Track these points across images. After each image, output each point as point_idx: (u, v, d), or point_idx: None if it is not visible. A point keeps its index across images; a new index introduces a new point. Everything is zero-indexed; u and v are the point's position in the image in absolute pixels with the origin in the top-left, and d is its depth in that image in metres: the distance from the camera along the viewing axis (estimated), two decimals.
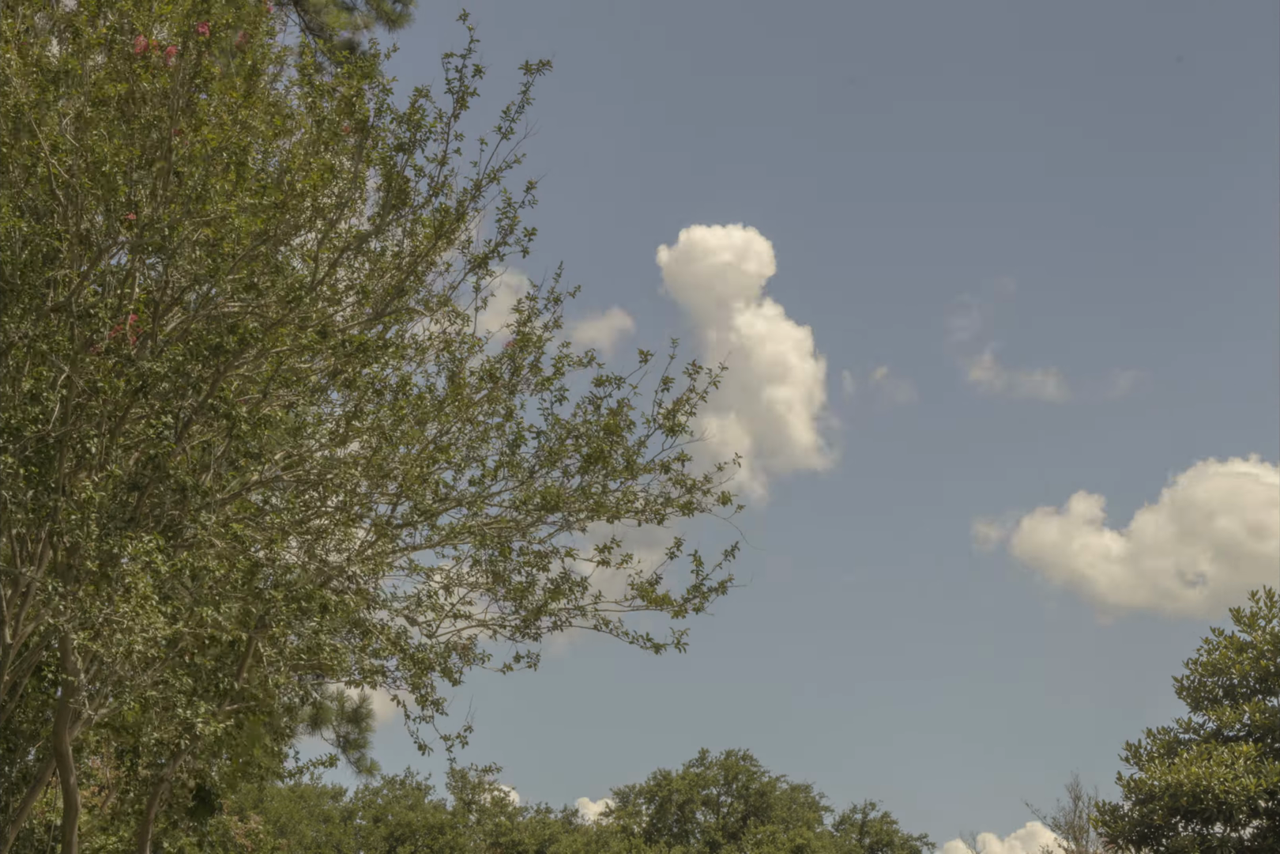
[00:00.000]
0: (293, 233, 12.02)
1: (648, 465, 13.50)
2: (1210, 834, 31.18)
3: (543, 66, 12.41)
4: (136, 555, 10.63)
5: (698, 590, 13.35)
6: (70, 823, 14.05)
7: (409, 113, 12.13)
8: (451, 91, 12.25)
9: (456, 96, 12.24)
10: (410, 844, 61.25)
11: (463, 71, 12.20)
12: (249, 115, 11.54)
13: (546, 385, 13.55)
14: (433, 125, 12.17)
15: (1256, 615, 32.81)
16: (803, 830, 64.96)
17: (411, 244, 12.61)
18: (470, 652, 13.34)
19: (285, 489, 12.96)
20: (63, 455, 11.47)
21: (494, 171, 12.49)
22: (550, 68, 12.38)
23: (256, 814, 27.99)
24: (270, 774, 18.51)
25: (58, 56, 11.36)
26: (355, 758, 26.61)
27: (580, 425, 13.39)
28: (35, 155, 11.09)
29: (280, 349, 11.73)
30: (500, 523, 13.26)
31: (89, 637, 10.87)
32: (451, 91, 12.25)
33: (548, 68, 12.40)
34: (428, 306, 13.23)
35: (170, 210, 11.16)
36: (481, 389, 13.41)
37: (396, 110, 12.16)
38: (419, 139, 12.15)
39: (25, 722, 17.39)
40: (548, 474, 13.45)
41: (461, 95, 12.24)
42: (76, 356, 11.38)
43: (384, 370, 12.93)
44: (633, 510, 13.42)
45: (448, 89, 12.26)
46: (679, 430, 13.42)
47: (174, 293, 11.73)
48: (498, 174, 12.52)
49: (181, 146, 11.11)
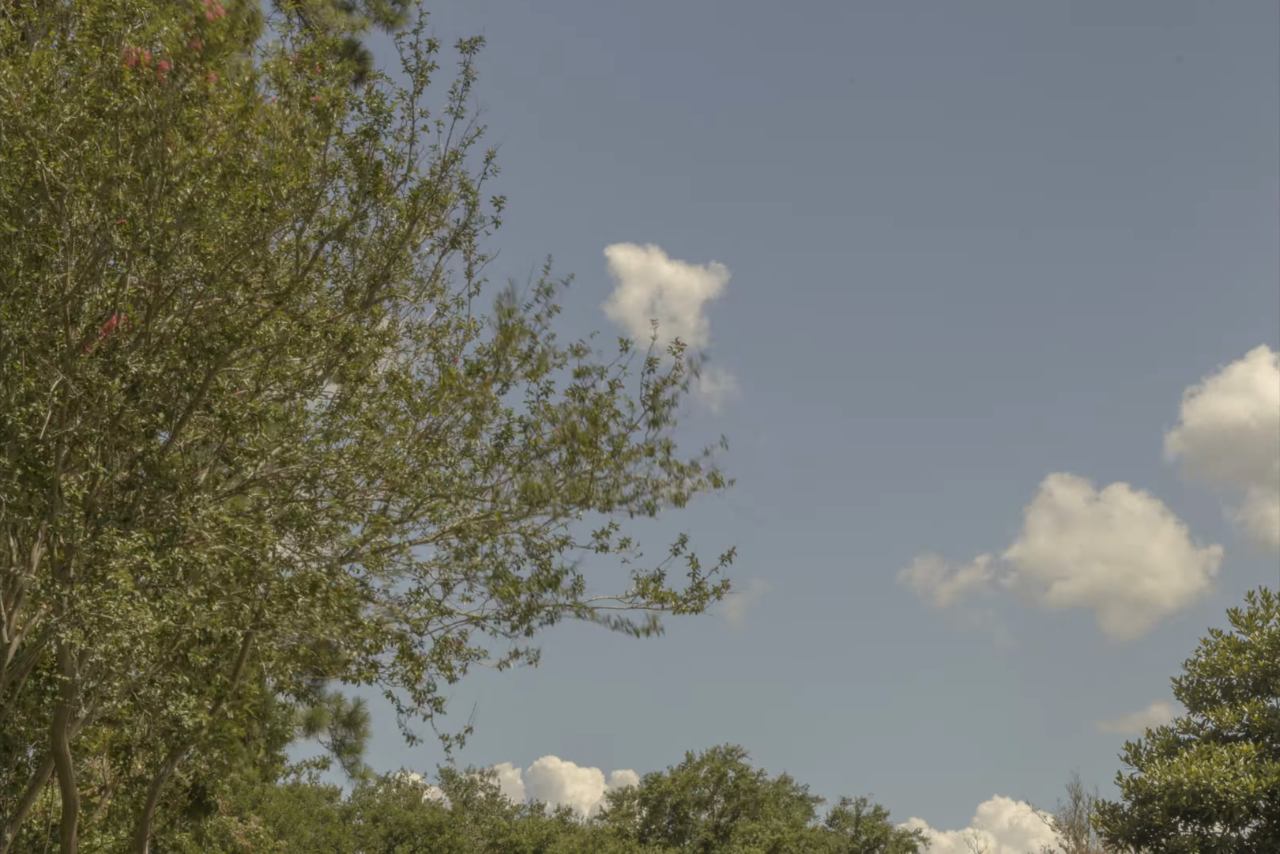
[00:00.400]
0: (274, 229, 12.03)
1: (634, 451, 13.49)
2: (1210, 834, 31.20)
3: (475, 44, 12.47)
4: (126, 553, 10.64)
5: (699, 589, 13.34)
6: (69, 823, 14.06)
7: (367, 98, 12.19)
8: (409, 70, 12.31)
9: (415, 73, 12.31)
10: (409, 843, 61.28)
11: (418, 48, 12.28)
12: (244, 125, 11.58)
13: (534, 377, 13.55)
14: (391, 107, 12.21)
15: (1254, 616, 32.88)
16: (780, 826, 64.58)
17: (390, 230, 12.64)
18: (463, 647, 13.33)
19: (279, 485, 12.94)
20: (59, 455, 11.47)
21: (455, 151, 12.58)
22: (483, 44, 12.46)
23: (255, 814, 27.96)
24: (260, 769, 18.52)
25: (52, 65, 11.36)
26: (349, 762, 26.63)
27: (561, 411, 13.41)
28: (29, 160, 11.10)
29: (268, 343, 11.76)
30: (494, 517, 13.25)
31: (80, 635, 10.87)
32: (409, 70, 12.31)
33: (481, 44, 12.46)
34: (420, 286, 13.19)
35: (160, 213, 11.18)
36: (469, 382, 13.39)
37: (355, 96, 12.22)
38: (381, 123, 12.17)
39: (24, 721, 17.39)
40: (530, 465, 13.43)
41: (420, 71, 12.30)
42: (68, 359, 11.39)
43: (373, 360, 12.94)
44: (622, 497, 13.43)
45: (405, 67, 12.32)
46: (662, 422, 13.44)
47: (165, 293, 11.74)
48: (460, 153, 12.60)
49: (174, 158, 11.15)
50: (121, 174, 11.13)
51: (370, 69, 12.73)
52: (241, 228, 11.35)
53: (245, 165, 11.33)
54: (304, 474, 12.39)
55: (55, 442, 11.58)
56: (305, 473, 12.35)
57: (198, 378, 11.65)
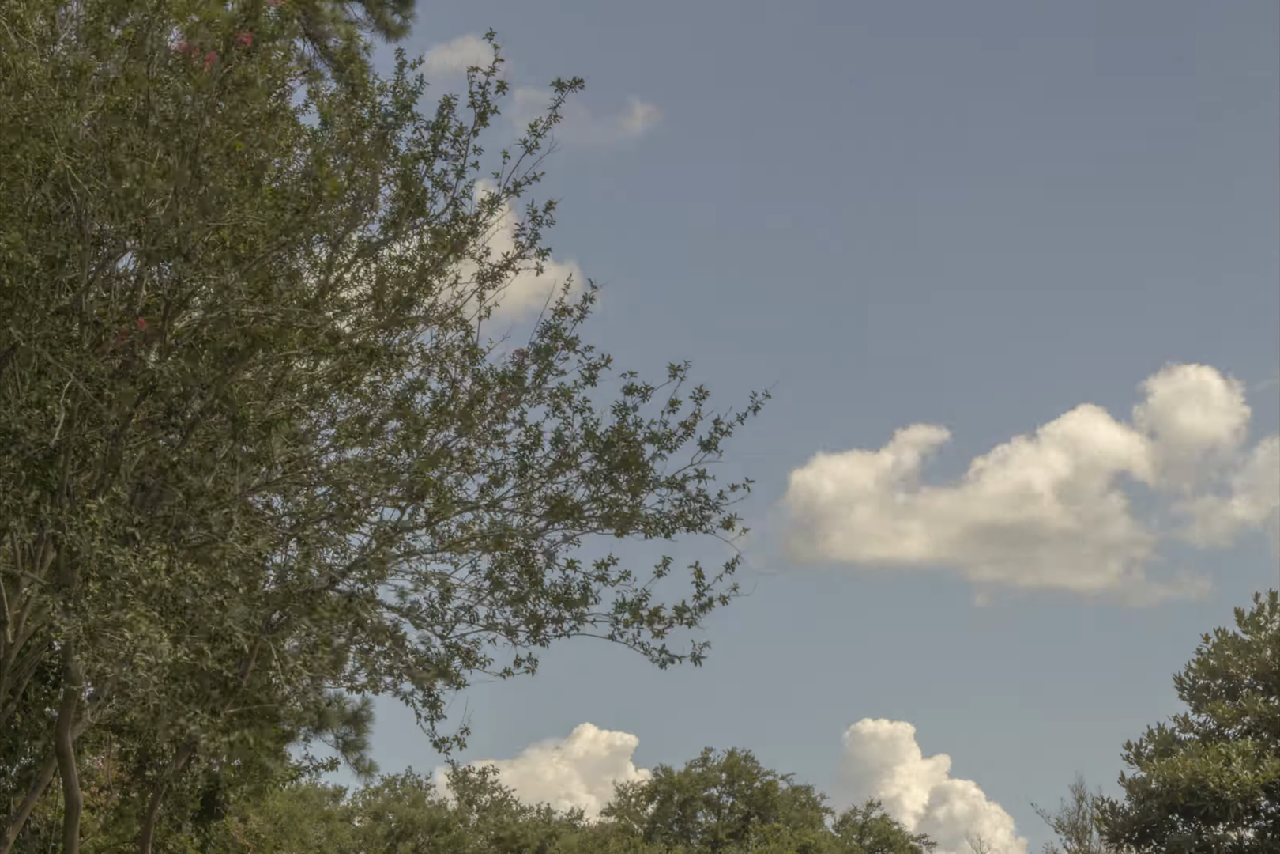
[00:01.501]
0: (308, 239, 12.08)
1: (670, 479, 13.28)
2: (1208, 830, 31.26)
3: (575, 84, 12.59)
4: (136, 572, 10.60)
5: (697, 601, 13.20)
6: (72, 823, 14.06)
7: (437, 121, 12.42)
8: (474, 105, 12.51)
9: (478, 111, 12.51)
10: (412, 841, 61.36)
11: (485, 87, 12.45)
12: (269, 129, 11.59)
13: (567, 396, 13.17)
14: (457, 134, 12.44)
15: (1258, 616, 32.98)
16: (807, 830, 65.04)
17: (423, 256, 12.71)
18: (473, 655, 13.31)
19: (287, 490, 12.93)
20: (67, 460, 11.44)
21: (516, 184, 12.69)
22: (583, 86, 12.56)
23: (258, 815, 27.94)
24: (274, 779, 18.52)
25: (73, 59, 11.31)
26: (354, 759, 26.82)
27: (603, 435, 13.11)
28: (47, 158, 11.05)
29: (289, 352, 11.74)
30: (505, 530, 13.16)
31: (88, 644, 10.82)
32: (474, 105, 12.51)
33: (580, 86, 12.58)
34: (438, 318, 13.19)
35: (188, 210, 11.14)
36: (488, 393, 13.19)
37: (421, 116, 12.42)
38: (440, 149, 12.40)
39: (27, 722, 17.39)
40: (556, 479, 13.28)
41: (483, 111, 12.51)
42: (82, 361, 11.35)
43: (391, 375, 12.92)
44: (642, 522, 13.30)
45: (470, 103, 12.51)
46: (713, 447, 13.20)
47: (183, 295, 11.71)
48: (519, 187, 12.71)
49: (207, 148, 11.13)
50: (148, 166, 11.03)
51: (368, 79, 12.76)
52: (262, 221, 11.34)
53: (266, 171, 11.33)
54: (311, 479, 12.39)
55: (63, 446, 11.52)
56: (314, 479, 12.36)
57: (213, 377, 11.62)
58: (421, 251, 12.73)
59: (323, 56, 13.92)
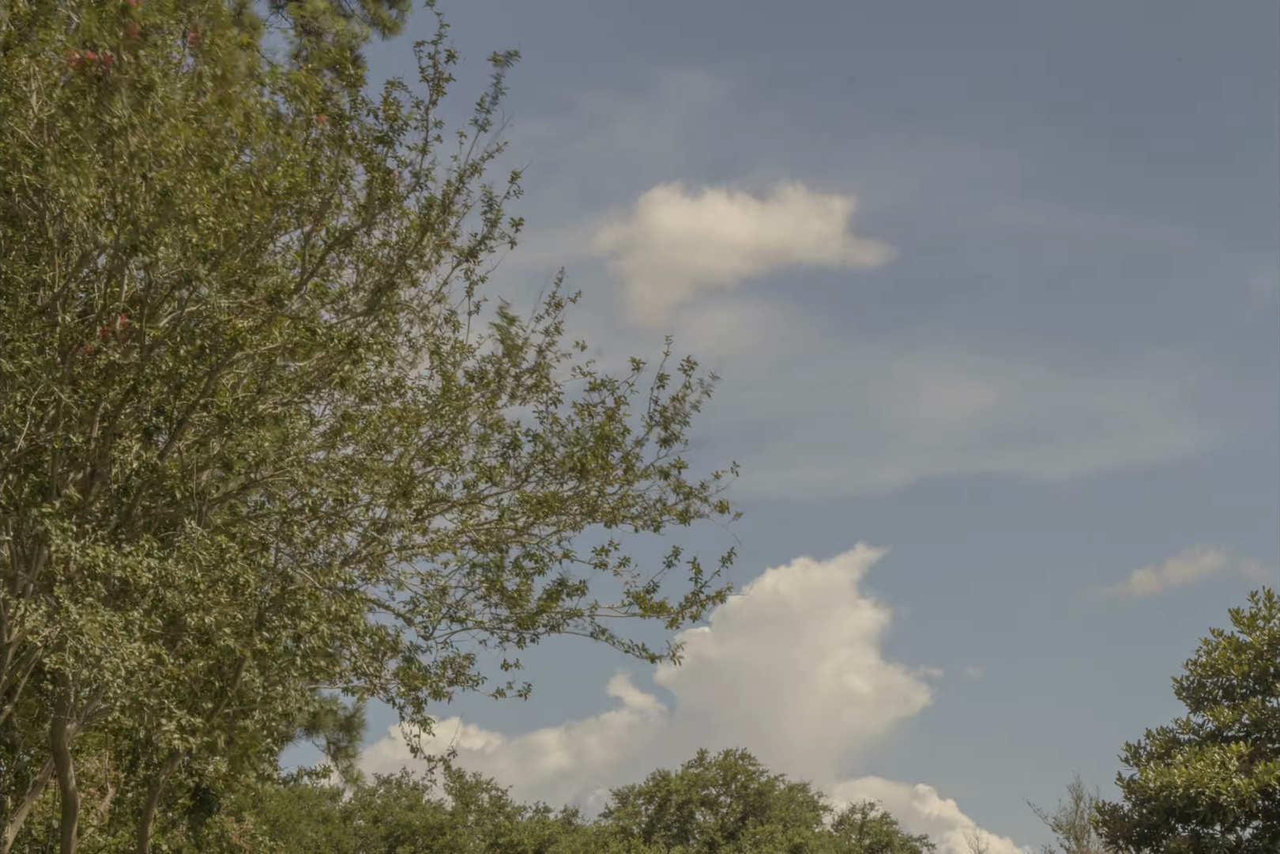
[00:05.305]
0: (276, 232, 12.04)
1: (646, 470, 13.40)
2: (1206, 834, 31.24)
3: (510, 57, 12.50)
4: (104, 571, 10.62)
5: (695, 597, 13.28)
6: (69, 823, 14.07)
7: (384, 106, 12.23)
8: (426, 79, 12.36)
9: (432, 84, 12.36)
10: (410, 844, 61.28)
11: (436, 58, 12.32)
12: (222, 116, 11.56)
13: (539, 390, 13.39)
14: (409, 117, 12.29)
15: (1255, 616, 32.92)
16: (801, 830, 64.87)
17: (399, 237, 12.62)
18: (465, 671, 13.30)
19: (276, 488, 12.93)
20: (55, 460, 11.45)
21: (475, 164, 12.60)
22: (518, 58, 12.48)
23: (254, 815, 27.99)
24: (262, 778, 18.52)
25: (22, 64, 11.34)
26: (344, 767, 27.10)
27: (574, 433, 13.28)
28: (7, 161, 11.10)
29: (271, 346, 11.73)
30: (498, 525, 13.22)
31: (55, 646, 10.86)
32: (426, 79, 12.36)
33: (516, 58, 12.48)
34: (419, 306, 13.16)
35: (145, 208, 11.14)
36: (470, 392, 13.29)
37: (371, 103, 12.24)
38: (396, 130, 12.23)
39: (23, 723, 17.39)
40: (541, 479, 13.37)
41: (437, 82, 12.36)
42: (62, 361, 11.36)
43: (378, 369, 12.91)
44: (629, 516, 13.36)
45: (422, 77, 12.38)
46: (674, 440, 13.33)
47: (160, 293, 11.72)
48: (479, 166, 12.62)
49: (144, 145, 11.11)
50: (99, 167, 11.04)
51: (365, 75, 12.67)
52: (233, 225, 11.32)
53: (225, 157, 11.30)
54: (298, 479, 12.37)
55: (48, 446, 11.53)
56: (300, 479, 12.34)
57: (197, 376, 11.61)
58: (399, 234, 12.63)
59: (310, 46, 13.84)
